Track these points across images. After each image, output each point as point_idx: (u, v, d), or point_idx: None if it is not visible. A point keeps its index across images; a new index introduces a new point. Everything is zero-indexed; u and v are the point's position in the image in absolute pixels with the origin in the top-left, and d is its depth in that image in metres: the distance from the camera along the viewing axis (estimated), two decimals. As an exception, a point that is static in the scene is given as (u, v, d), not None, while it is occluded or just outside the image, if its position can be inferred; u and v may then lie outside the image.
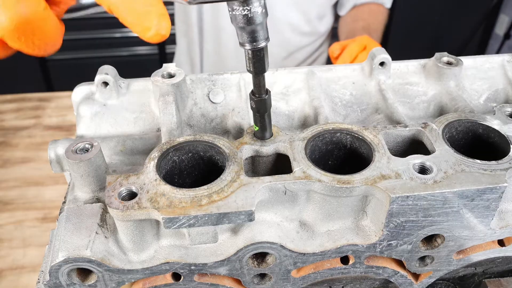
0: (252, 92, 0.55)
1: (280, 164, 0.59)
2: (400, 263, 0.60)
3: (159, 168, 0.54)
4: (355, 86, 0.76)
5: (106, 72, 0.69)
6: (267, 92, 0.55)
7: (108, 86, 0.70)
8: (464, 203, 0.53)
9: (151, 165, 0.54)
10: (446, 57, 0.75)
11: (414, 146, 0.61)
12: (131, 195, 0.51)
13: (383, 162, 0.55)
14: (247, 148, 0.58)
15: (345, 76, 0.76)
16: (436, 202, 0.52)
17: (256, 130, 0.58)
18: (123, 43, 3.44)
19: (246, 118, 0.69)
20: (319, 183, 0.52)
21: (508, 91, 0.77)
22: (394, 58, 0.75)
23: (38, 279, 0.57)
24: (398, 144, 0.62)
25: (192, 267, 0.54)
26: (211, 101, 0.72)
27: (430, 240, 0.58)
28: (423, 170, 0.54)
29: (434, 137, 0.58)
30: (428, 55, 0.78)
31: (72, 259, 0.50)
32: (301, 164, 0.54)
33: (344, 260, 0.58)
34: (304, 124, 0.72)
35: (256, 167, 0.60)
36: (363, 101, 0.75)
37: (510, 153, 0.57)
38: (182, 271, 0.55)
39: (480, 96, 0.77)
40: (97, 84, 0.69)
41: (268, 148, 0.58)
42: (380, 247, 0.56)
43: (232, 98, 0.72)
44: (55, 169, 0.65)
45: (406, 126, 0.61)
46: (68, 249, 0.51)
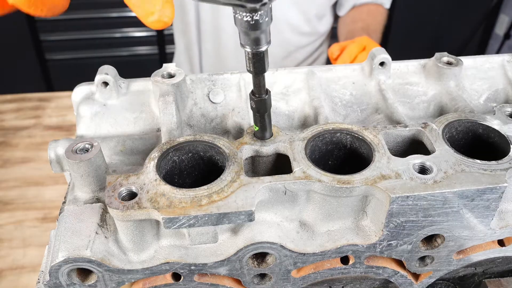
0: (252, 92, 0.55)
1: (280, 164, 0.59)
2: (400, 263, 0.60)
3: (159, 168, 0.54)
4: (355, 86, 0.76)
5: (106, 72, 0.69)
6: (267, 92, 0.55)
7: (108, 86, 0.70)
8: (464, 203, 0.53)
9: (151, 165, 0.54)
10: (446, 57, 0.75)
11: (414, 146, 0.61)
12: (131, 195, 0.51)
13: (383, 162, 0.55)
14: (247, 148, 0.58)
15: (345, 76, 0.76)
16: (436, 202, 0.52)
17: (256, 130, 0.58)
18: (123, 43, 3.44)
19: (246, 118, 0.69)
20: (319, 183, 0.52)
21: (508, 91, 0.77)
22: (394, 58, 0.75)
23: (38, 279, 0.57)
24: (398, 144, 0.62)
25: (192, 267, 0.54)
26: (211, 101, 0.72)
27: (430, 240, 0.58)
28: (423, 170, 0.54)
29: (434, 137, 0.58)
30: (428, 55, 0.78)
31: (72, 259, 0.50)
32: (301, 164, 0.54)
33: (344, 260, 0.58)
34: (304, 124, 0.72)
35: (256, 167, 0.60)
36: (363, 101, 0.75)
37: (510, 153, 0.57)
38: (182, 271, 0.55)
39: (480, 96, 0.77)
40: (97, 84, 0.69)
41: (268, 148, 0.58)
42: (380, 247, 0.56)
43: (232, 98, 0.72)
44: (55, 169, 0.65)
45: (406, 126, 0.61)
46: (68, 249, 0.51)
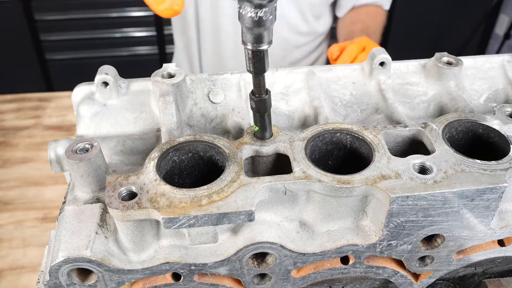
0: (252, 92, 0.55)
1: (280, 164, 0.59)
2: (400, 263, 0.60)
3: (159, 168, 0.54)
4: (355, 86, 0.76)
5: (106, 72, 0.69)
6: (267, 92, 0.55)
7: (108, 86, 0.70)
8: (464, 203, 0.53)
9: (151, 165, 0.54)
10: (446, 57, 0.75)
11: (414, 146, 0.61)
12: (131, 195, 0.51)
13: (383, 162, 0.55)
14: (247, 148, 0.58)
15: (345, 76, 0.76)
16: (436, 202, 0.52)
17: (256, 130, 0.58)
18: (123, 43, 3.44)
19: (246, 118, 0.69)
20: (319, 183, 0.52)
21: (508, 91, 0.77)
22: (394, 58, 0.75)
23: (38, 279, 0.57)
24: (398, 144, 0.61)
25: (192, 267, 0.54)
26: (211, 101, 0.72)
27: (430, 240, 0.58)
28: (423, 170, 0.54)
29: (434, 137, 0.58)
30: (428, 55, 0.78)
31: (72, 259, 0.50)
32: (301, 164, 0.54)
33: (344, 260, 0.58)
34: (304, 124, 0.72)
35: (256, 167, 0.60)
36: (363, 101, 0.75)
37: (510, 153, 0.57)
38: (182, 271, 0.55)
39: (480, 96, 0.77)
40: (97, 84, 0.69)
41: (268, 148, 0.58)
42: (380, 247, 0.56)
43: (232, 98, 0.72)
44: (55, 169, 0.65)
45: (406, 126, 0.61)
46: (68, 249, 0.51)
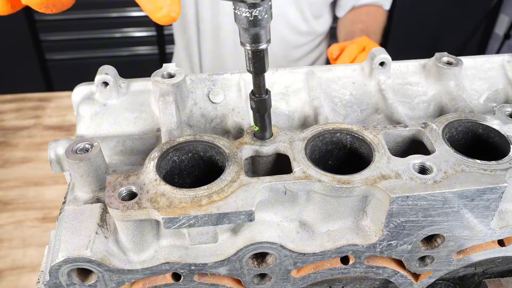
0: (252, 92, 0.55)
1: (280, 164, 0.59)
2: (400, 263, 0.60)
3: (159, 168, 0.54)
4: (355, 86, 0.76)
5: (106, 72, 0.69)
6: (267, 92, 0.55)
7: (108, 86, 0.70)
8: (464, 203, 0.53)
9: (151, 165, 0.54)
10: (446, 57, 0.75)
11: (414, 146, 0.61)
12: (131, 195, 0.51)
13: (383, 162, 0.55)
14: (247, 148, 0.58)
15: (345, 76, 0.76)
16: (436, 202, 0.52)
17: (256, 130, 0.58)
18: (123, 43, 3.44)
19: (246, 118, 0.69)
20: (319, 183, 0.52)
21: (508, 91, 0.77)
22: (394, 58, 0.75)
23: (38, 279, 0.57)
24: (398, 144, 0.61)
25: (192, 267, 0.54)
26: (211, 101, 0.72)
27: (430, 240, 0.58)
28: (423, 170, 0.54)
29: (434, 137, 0.58)
30: (428, 55, 0.78)
31: (72, 259, 0.50)
32: (301, 164, 0.54)
33: (344, 260, 0.58)
34: (304, 124, 0.72)
35: (256, 167, 0.60)
36: (363, 101, 0.75)
37: (510, 153, 0.57)
38: (182, 271, 0.55)
39: (480, 96, 0.77)
40: (97, 84, 0.69)
41: (268, 148, 0.58)
42: (380, 247, 0.56)
43: (232, 98, 0.72)
44: (55, 169, 0.65)
45: (406, 126, 0.61)
46: (68, 249, 0.51)
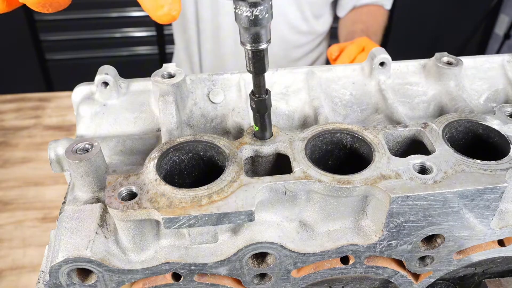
0: (252, 92, 0.55)
1: (280, 164, 0.59)
2: (400, 263, 0.60)
3: (159, 168, 0.54)
4: (355, 86, 0.76)
5: (106, 72, 0.69)
6: (267, 92, 0.55)
7: (108, 86, 0.70)
8: (464, 203, 0.53)
9: (151, 165, 0.54)
10: (446, 57, 0.75)
11: (414, 146, 0.61)
12: (131, 195, 0.51)
13: (383, 162, 0.55)
14: (247, 148, 0.58)
15: (345, 76, 0.76)
16: (436, 202, 0.52)
17: (256, 130, 0.58)
18: (123, 43, 3.44)
19: (246, 118, 0.69)
20: (319, 183, 0.52)
21: (508, 91, 0.77)
22: (394, 58, 0.75)
23: (38, 279, 0.57)
24: (398, 144, 0.61)
25: (192, 267, 0.54)
26: (211, 101, 0.72)
27: (430, 240, 0.58)
28: (423, 170, 0.54)
29: (434, 137, 0.58)
30: (428, 55, 0.78)
31: (72, 259, 0.50)
32: (301, 164, 0.54)
33: (344, 260, 0.58)
34: (304, 124, 0.72)
35: (256, 167, 0.60)
36: (363, 101, 0.75)
37: (510, 153, 0.57)
38: (182, 271, 0.55)
39: (480, 96, 0.77)
40: (97, 84, 0.69)
41: (268, 148, 0.58)
42: (380, 247, 0.56)
43: (232, 98, 0.72)
44: (55, 169, 0.65)
45: (406, 126, 0.61)
46: (68, 249, 0.51)
